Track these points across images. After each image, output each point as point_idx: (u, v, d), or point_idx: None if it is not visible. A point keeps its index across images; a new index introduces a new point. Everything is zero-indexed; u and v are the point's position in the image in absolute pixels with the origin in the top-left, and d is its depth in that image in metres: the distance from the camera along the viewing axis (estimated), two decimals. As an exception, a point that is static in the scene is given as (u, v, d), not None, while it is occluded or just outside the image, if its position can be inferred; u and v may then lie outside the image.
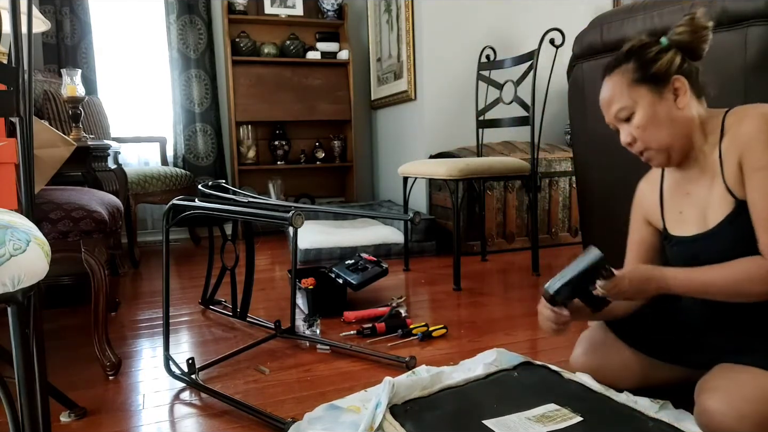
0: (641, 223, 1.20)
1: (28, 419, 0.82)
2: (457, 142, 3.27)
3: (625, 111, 1.04)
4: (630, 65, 1.03)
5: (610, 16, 1.98)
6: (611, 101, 1.06)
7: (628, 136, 1.06)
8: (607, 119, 1.10)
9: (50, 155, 1.37)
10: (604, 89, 1.08)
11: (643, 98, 1.02)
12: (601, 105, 1.10)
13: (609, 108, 1.07)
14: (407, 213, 2.71)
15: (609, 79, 1.07)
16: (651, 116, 1.01)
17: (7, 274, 0.73)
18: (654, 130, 1.02)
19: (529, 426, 1.01)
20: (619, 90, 1.04)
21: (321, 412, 1.14)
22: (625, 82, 1.04)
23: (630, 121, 1.04)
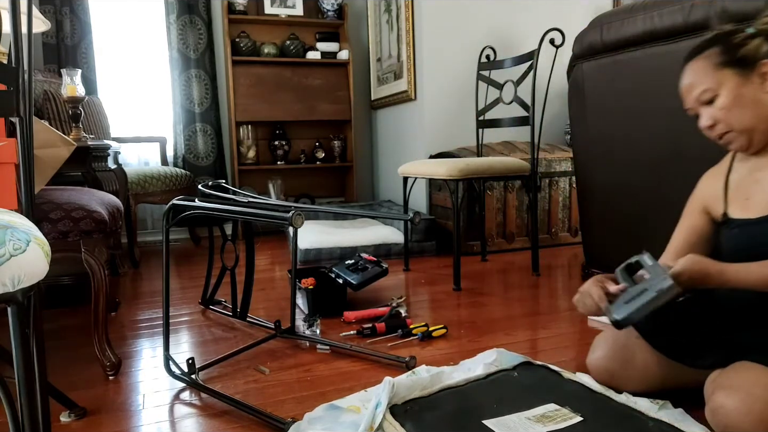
0: (697, 212, 1.22)
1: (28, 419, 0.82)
2: (457, 142, 3.27)
3: (708, 93, 1.05)
4: (715, 49, 1.05)
5: (610, 16, 1.98)
6: (694, 84, 1.08)
7: (709, 119, 1.07)
8: (687, 104, 1.11)
9: (50, 155, 1.37)
10: (687, 74, 1.10)
11: (729, 80, 1.04)
12: (683, 91, 1.11)
13: (691, 91, 1.09)
14: (407, 213, 2.71)
15: (692, 64, 1.09)
16: (736, 97, 1.03)
17: (7, 274, 0.73)
18: (738, 111, 1.03)
19: (529, 426, 1.01)
20: (703, 73, 1.06)
21: (321, 412, 1.14)
22: (710, 65, 1.05)
23: (713, 103, 1.05)
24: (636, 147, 1.93)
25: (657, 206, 1.89)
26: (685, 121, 1.75)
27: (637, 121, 1.92)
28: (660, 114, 1.82)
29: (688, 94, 1.10)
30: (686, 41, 1.70)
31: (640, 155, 1.92)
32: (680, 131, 1.76)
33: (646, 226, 1.96)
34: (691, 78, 1.09)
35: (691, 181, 1.60)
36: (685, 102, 1.12)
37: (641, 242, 1.98)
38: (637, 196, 1.97)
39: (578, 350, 1.58)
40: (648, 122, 1.88)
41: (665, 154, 1.82)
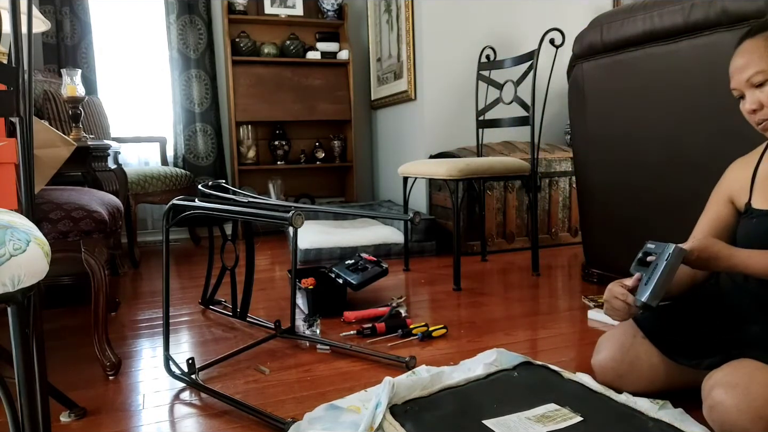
0: (723, 201, 1.21)
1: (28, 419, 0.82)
2: (457, 142, 3.27)
3: (761, 76, 1.02)
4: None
5: (610, 16, 1.98)
6: (747, 64, 1.04)
7: (755, 103, 1.05)
8: (735, 84, 1.08)
9: (50, 155, 1.37)
10: (741, 53, 1.06)
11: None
12: (733, 68, 1.07)
13: (742, 71, 1.05)
14: (407, 213, 2.71)
15: (749, 43, 1.05)
16: None
17: (7, 274, 0.73)
18: None
19: (529, 426, 1.01)
20: (759, 54, 1.02)
21: (321, 412, 1.14)
22: (764, 46, 1.02)
23: (762, 86, 1.03)
24: (636, 147, 1.93)
25: (657, 206, 1.89)
26: (684, 121, 1.75)
27: (637, 121, 1.92)
28: (660, 114, 1.82)
29: (739, 73, 1.06)
30: (686, 41, 1.70)
31: (640, 155, 1.92)
32: (680, 131, 1.77)
33: (646, 225, 1.96)
34: (746, 57, 1.05)
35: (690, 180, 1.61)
36: (732, 81, 1.09)
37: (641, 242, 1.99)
38: (637, 195, 1.97)
39: (578, 350, 1.58)
40: (648, 122, 1.88)
41: (665, 154, 1.83)
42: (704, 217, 1.24)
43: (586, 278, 2.34)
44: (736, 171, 1.21)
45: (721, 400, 0.92)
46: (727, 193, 1.21)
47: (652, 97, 1.84)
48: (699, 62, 1.66)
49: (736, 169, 1.21)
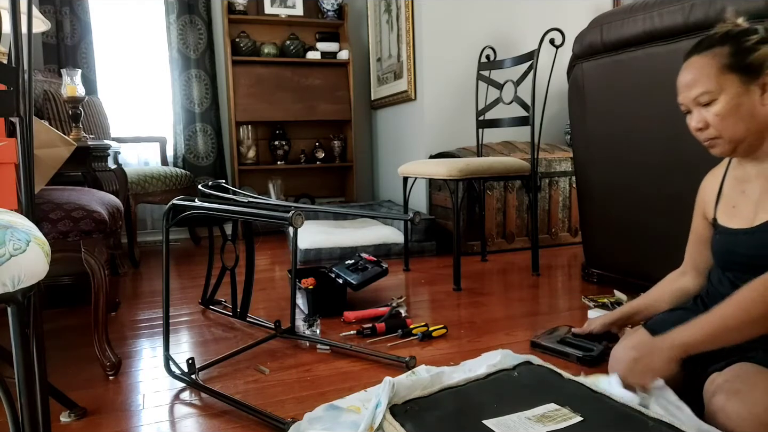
0: (700, 218, 1.22)
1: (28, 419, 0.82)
2: (457, 142, 3.27)
3: (707, 96, 1.00)
4: (725, 49, 1.00)
5: (610, 16, 1.98)
6: (695, 83, 1.02)
7: (701, 122, 1.03)
8: (682, 99, 1.07)
9: (50, 155, 1.37)
10: (689, 69, 1.04)
11: (731, 87, 0.99)
12: (681, 84, 1.06)
13: (690, 89, 1.04)
14: (407, 213, 2.71)
15: (697, 60, 1.03)
16: (735, 107, 0.99)
17: (7, 274, 0.73)
18: (732, 121, 1.00)
19: (529, 426, 1.01)
20: (706, 73, 1.00)
21: (321, 412, 1.14)
22: (716, 65, 1.00)
23: (708, 106, 1.01)
24: (636, 146, 1.93)
25: (657, 206, 1.89)
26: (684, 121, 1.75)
27: (637, 120, 1.92)
28: (660, 114, 1.82)
29: (687, 90, 1.05)
30: (686, 41, 1.70)
31: (640, 155, 1.92)
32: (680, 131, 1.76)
33: (646, 225, 1.96)
34: (693, 75, 1.03)
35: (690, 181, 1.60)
36: (680, 95, 1.08)
37: (641, 242, 1.99)
38: (637, 195, 1.97)
39: (578, 350, 1.57)
40: (648, 122, 1.88)
41: (665, 154, 1.82)
42: (690, 233, 1.24)
43: (586, 278, 2.34)
44: (707, 185, 1.21)
45: (723, 407, 0.92)
46: (701, 207, 1.21)
47: (652, 97, 1.84)
48: (699, 62, 1.66)
49: (707, 183, 1.21)
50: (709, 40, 1.03)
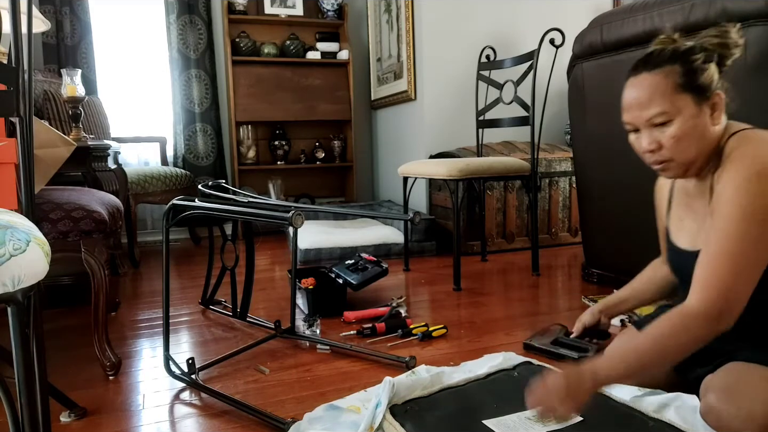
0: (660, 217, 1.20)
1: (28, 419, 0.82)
2: (457, 142, 3.27)
3: (663, 117, 0.94)
4: (675, 68, 0.94)
5: (610, 16, 1.98)
6: (649, 102, 0.95)
7: (653, 143, 0.97)
8: (631, 119, 0.99)
9: (50, 155, 1.37)
10: (640, 87, 0.97)
11: (687, 107, 0.94)
12: (632, 103, 0.98)
13: (644, 109, 0.96)
14: (407, 213, 2.71)
15: (649, 78, 0.96)
16: (690, 128, 0.94)
17: (7, 274, 0.73)
18: (687, 143, 0.95)
19: (529, 426, 1.01)
20: (661, 92, 0.94)
21: (321, 412, 1.14)
22: (670, 85, 0.94)
23: (663, 127, 0.95)
24: (636, 147, 1.93)
25: (657, 206, 1.89)
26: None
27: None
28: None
29: (638, 110, 0.96)
30: (686, 41, 1.69)
31: (640, 155, 1.92)
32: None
33: (645, 225, 1.95)
34: (647, 93, 0.95)
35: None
36: (627, 114, 0.99)
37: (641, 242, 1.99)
38: (637, 195, 1.97)
39: (578, 350, 1.57)
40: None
41: (665, 154, 1.82)
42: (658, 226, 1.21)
43: (586, 278, 2.34)
44: (662, 184, 1.19)
45: (714, 405, 0.92)
46: (659, 207, 1.20)
47: (652, 97, 1.84)
48: (699, 62, 1.66)
49: (662, 183, 1.19)
50: (658, 57, 0.97)
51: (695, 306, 0.87)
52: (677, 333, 0.86)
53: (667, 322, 0.88)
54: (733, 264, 0.86)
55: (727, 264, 0.86)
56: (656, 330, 0.88)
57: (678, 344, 0.86)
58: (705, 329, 0.85)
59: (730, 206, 0.89)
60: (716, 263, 0.88)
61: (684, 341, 0.86)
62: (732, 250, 0.87)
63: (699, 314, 0.86)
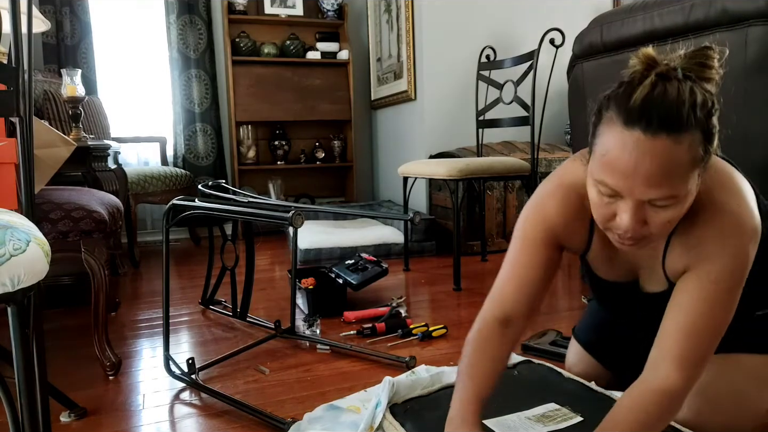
0: (550, 248, 0.92)
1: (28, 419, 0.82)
2: (457, 142, 3.27)
3: (671, 201, 0.70)
4: (699, 136, 0.69)
5: (610, 16, 1.98)
6: (663, 181, 0.68)
7: (639, 223, 0.73)
8: (623, 189, 0.71)
9: (50, 155, 1.37)
10: (654, 156, 0.67)
11: (694, 188, 0.72)
12: (634, 172, 0.68)
13: (651, 188, 0.69)
14: (407, 213, 2.71)
15: (671, 146, 0.67)
16: (686, 208, 0.74)
17: (7, 274, 0.73)
18: (675, 223, 0.75)
19: (529, 426, 1.01)
20: (682, 171, 0.69)
21: (321, 412, 1.14)
22: (689, 160, 0.68)
23: (662, 208, 0.71)
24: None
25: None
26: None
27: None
28: (660, 114, 1.82)
29: (645, 185, 0.69)
30: (686, 41, 1.69)
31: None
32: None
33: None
34: (662, 169, 0.68)
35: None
36: (619, 182, 0.71)
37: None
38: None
39: (578, 350, 1.57)
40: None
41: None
42: (525, 264, 0.93)
43: (586, 278, 2.33)
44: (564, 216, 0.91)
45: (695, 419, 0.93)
46: (554, 236, 0.92)
47: (652, 97, 1.83)
48: (699, 62, 1.66)
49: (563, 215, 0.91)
50: (682, 116, 0.67)
51: (679, 384, 0.76)
52: (665, 416, 0.78)
53: (653, 408, 0.77)
54: (713, 337, 0.79)
55: (708, 339, 0.79)
56: (642, 417, 0.77)
57: (664, 424, 0.79)
58: (684, 398, 0.79)
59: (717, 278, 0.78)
60: (698, 341, 0.78)
61: (670, 419, 0.80)
62: (717, 325, 0.78)
63: (683, 392, 0.78)
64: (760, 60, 1.48)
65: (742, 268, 0.78)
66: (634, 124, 0.68)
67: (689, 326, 0.77)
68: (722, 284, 0.77)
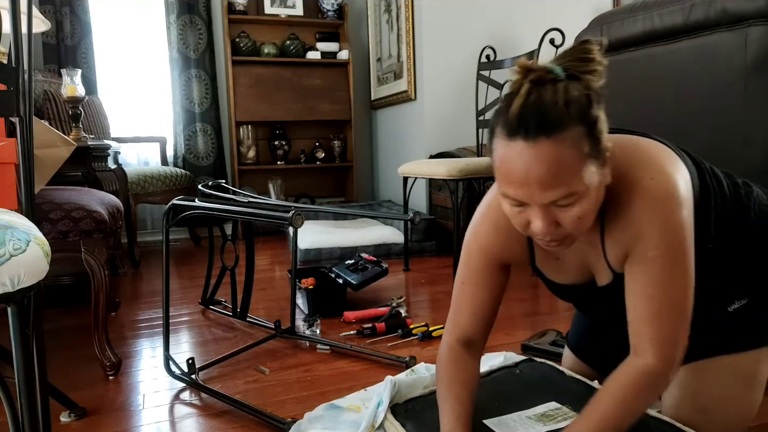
0: (494, 272, 0.97)
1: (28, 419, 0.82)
2: (457, 142, 3.27)
3: (571, 198, 0.72)
4: (580, 129, 0.70)
5: (610, 16, 1.98)
6: (555, 182, 0.70)
7: (551, 225, 0.74)
8: (523, 197, 0.73)
9: (50, 155, 1.37)
10: (539, 160, 0.69)
11: (594, 179, 0.73)
12: (525, 179, 0.71)
13: (546, 190, 0.70)
14: (407, 213, 2.71)
15: (551, 148, 0.69)
16: (595, 202, 0.75)
17: (7, 274, 0.73)
18: (591, 216, 0.76)
19: (529, 425, 1.01)
20: (571, 169, 0.70)
21: (321, 412, 1.14)
22: (578, 156, 0.70)
23: (567, 207, 0.73)
24: (636, 147, 1.93)
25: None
26: (683, 121, 1.75)
27: (636, 120, 1.92)
28: (659, 113, 1.82)
29: (540, 190, 0.70)
30: (686, 41, 1.70)
31: (640, 155, 1.92)
32: (679, 131, 1.76)
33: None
34: (550, 171, 0.69)
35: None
36: (517, 191, 0.73)
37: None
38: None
39: (578, 350, 1.57)
40: (647, 122, 1.88)
41: (665, 154, 1.82)
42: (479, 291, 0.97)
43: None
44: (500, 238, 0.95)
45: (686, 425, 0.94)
46: (497, 260, 0.97)
47: (652, 97, 1.84)
48: (699, 62, 1.66)
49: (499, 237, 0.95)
50: (556, 115, 0.69)
51: (656, 365, 0.78)
52: (645, 395, 0.79)
53: (632, 387, 0.79)
54: (677, 312, 0.79)
55: (672, 315, 0.79)
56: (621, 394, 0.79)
57: (645, 403, 0.80)
58: (668, 380, 0.80)
59: (655, 253, 0.78)
60: (662, 320, 0.79)
61: (651, 398, 0.81)
62: (674, 299, 0.79)
63: (662, 371, 0.79)
64: (760, 60, 1.48)
65: (677, 237, 0.78)
66: (515, 135, 0.70)
67: (648, 310, 0.79)
68: (662, 258, 0.78)
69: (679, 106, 1.75)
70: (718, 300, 0.94)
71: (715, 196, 0.90)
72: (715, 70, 1.60)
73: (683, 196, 0.79)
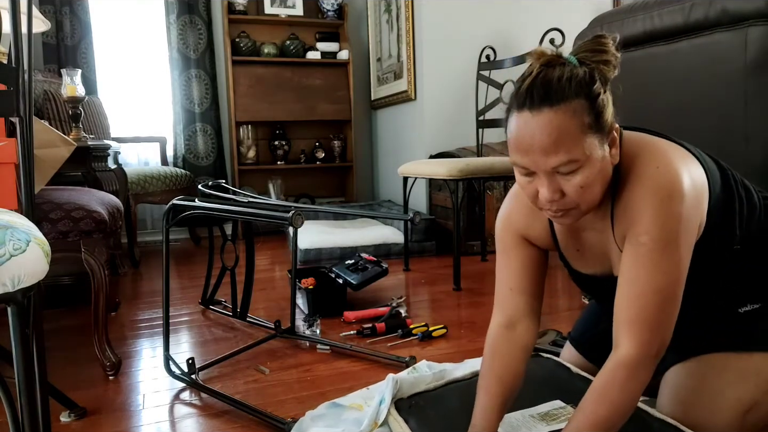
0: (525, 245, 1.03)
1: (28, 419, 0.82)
2: (457, 142, 3.27)
3: (572, 165, 0.77)
4: (581, 103, 0.76)
5: (610, 16, 1.98)
6: (556, 148, 0.75)
7: (556, 192, 0.79)
8: (530, 164, 0.79)
9: (50, 155, 1.37)
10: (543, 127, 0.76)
11: (595, 151, 0.78)
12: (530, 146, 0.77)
13: (548, 156, 0.76)
14: (407, 213, 2.70)
15: (552, 117, 0.75)
16: (598, 173, 0.79)
17: (7, 274, 0.73)
18: (595, 189, 0.80)
19: (532, 425, 1.01)
20: (571, 136, 0.76)
21: (323, 410, 1.14)
22: (578, 126, 0.76)
23: (569, 175, 0.78)
24: (636, 147, 1.93)
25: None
26: (684, 121, 1.75)
27: (636, 120, 1.91)
28: (660, 114, 1.82)
29: (543, 156, 0.76)
30: (686, 41, 1.70)
31: (640, 155, 1.92)
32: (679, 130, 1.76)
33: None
34: (552, 137, 0.75)
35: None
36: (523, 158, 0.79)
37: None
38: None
39: (578, 350, 1.57)
40: (648, 122, 1.87)
41: (665, 154, 1.82)
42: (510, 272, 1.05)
43: (586, 278, 2.33)
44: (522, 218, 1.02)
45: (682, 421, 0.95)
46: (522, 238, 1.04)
47: (652, 97, 1.84)
48: (699, 62, 1.66)
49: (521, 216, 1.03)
50: (560, 89, 0.76)
51: (632, 352, 0.78)
52: (627, 388, 0.79)
53: (614, 382, 0.79)
54: (659, 298, 0.79)
55: (652, 300, 0.79)
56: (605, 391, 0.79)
57: (631, 396, 0.79)
58: (649, 369, 0.79)
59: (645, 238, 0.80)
60: (642, 302, 0.79)
61: (635, 389, 0.79)
62: (659, 284, 0.79)
63: (639, 359, 0.78)
64: (760, 60, 1.48)
65: (670, 227, 0.79)
66: (523, 106, 0.78)
67: (630, 292, 0.81)
68: (652, 244, 0.79)
69: (679, 105, 1.75)
70: (730, 300, 0.94)
71: (740, 201, 0.91)
72: (715, 70, 1.60)
73: (686, 190, 0.80)
